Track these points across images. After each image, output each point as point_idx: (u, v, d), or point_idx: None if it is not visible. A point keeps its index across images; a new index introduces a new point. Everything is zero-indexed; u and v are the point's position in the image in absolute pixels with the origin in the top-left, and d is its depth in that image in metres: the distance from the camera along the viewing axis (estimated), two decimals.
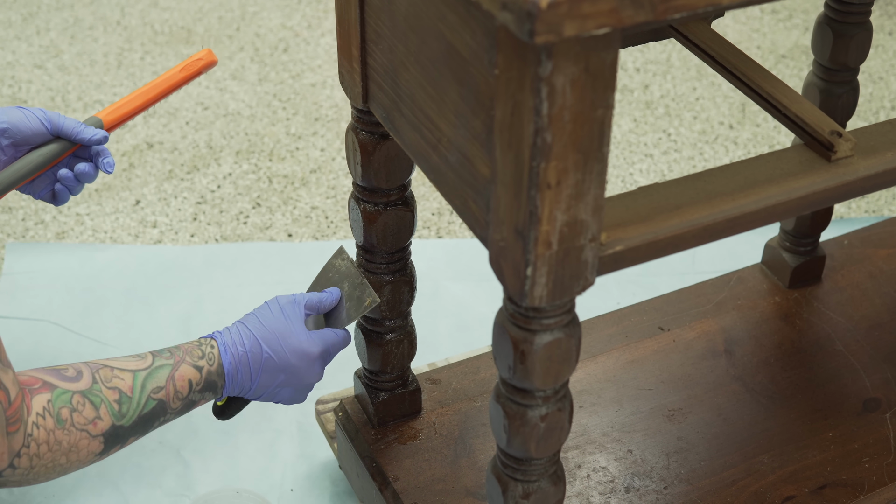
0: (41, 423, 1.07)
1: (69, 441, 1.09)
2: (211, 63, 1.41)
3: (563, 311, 0.98)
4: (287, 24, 2.60)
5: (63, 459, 1.10)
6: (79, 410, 1.09)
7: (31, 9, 2.62)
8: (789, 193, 1.04)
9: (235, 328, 1.22)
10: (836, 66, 1.49)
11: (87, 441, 1.10)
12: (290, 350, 1.22)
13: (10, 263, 1.90)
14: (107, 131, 1.37)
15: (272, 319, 1.22)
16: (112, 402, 1.11)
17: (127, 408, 1.13)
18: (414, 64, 1.04)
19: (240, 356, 1.20)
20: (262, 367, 1.20)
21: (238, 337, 1.21)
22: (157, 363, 1.17)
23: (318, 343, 1.24)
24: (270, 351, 1.20)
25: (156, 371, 1.16)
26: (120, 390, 1.12)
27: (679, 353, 1.55)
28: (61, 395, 1.09)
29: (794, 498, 1.36)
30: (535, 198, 0.88)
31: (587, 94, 0.85)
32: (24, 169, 1.33)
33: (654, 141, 2.27)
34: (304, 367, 1.23)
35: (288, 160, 2.18)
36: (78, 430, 1.09)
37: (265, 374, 1.21)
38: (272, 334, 1.21)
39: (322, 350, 1.24)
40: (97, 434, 1.11)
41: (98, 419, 1.10)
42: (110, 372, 1.13)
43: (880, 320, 1.61)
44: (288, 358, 1.21)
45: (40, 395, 1.08)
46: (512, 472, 1.08)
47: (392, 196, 1.27)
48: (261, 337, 1.21)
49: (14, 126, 1.32)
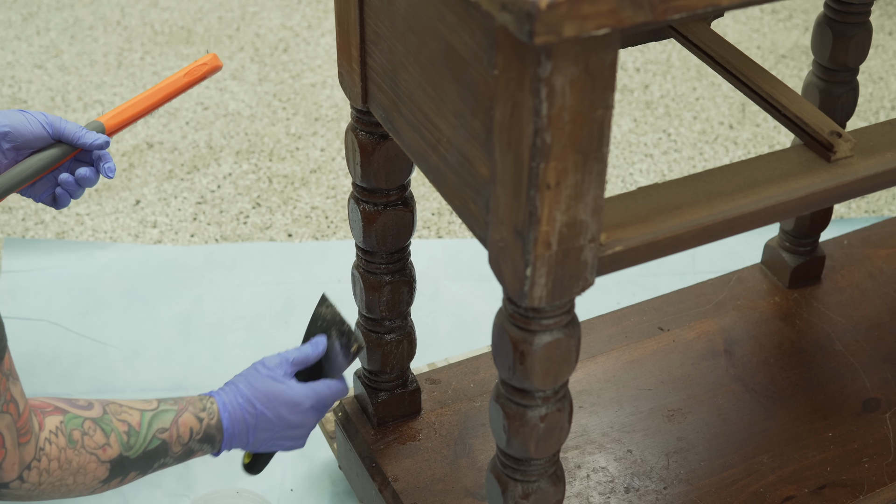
0: (54, 441, 1.10)
1: (79, 462, 1.12)
2: (216, 68, 1.40)
3: (562, 312, 0.98)
4: (287, 24, 2.60)
5: (70, 480, 1.12)
6: (90, 435, 1.12)
7: (31, 9, 2.62)
8: (789, 194, 1.04)
9: (229, 389, 1.26)
10: (835, 66, 1.49)
11: (95, 465, 1.13)
12: (282, 405, 1.25)
13: (9, 263, 1.90)
14: (109, 136, 1.37)
15: (261, 380, 1.25)
16: (122, 433, 1.15)
17: (135, 440, 1.16)
18: (413, 64, 1.04)
19: (236, 415, 1.24)
20: (257, 424, 1.24)
21: (233, 396, 1.24)
22: (163, 407, 1.20)
23: (310, 396, 1.26)
24: (264, 408, 1.24)
25: (161, 413, 1.19)
26: (129, 423, 1.16)
27: (679, 353, 1.55)
28: (73, 419, 1.12)
29: (793, 498, 1.36)
30: (535, 198, 0.88)
31: (587, 94, 0.85)
32: (25, 173, 1.33)
33: (654, 141, 2.27)
34: (298, 420, 1.26)
35: (288, 160, 2.18)
36: (88, 452, 1.12)
37: (261, 430, 1.25)
38: (263, 394, 1.24)
39: (314, 403, 1.26)
40: (105, 460, 1.14)
41: (108, 446, 1.14)
42: (119, 407, 1.17)
43: (880, 320, 1.61)
44: (281, 413, 1.25)
45: (53, 416, 1.11)
46: (511, 473, 1.08)
47: (392, 196, 1.27)
48: (253, 397, 1.24)
49: (15, 129, 1.32)
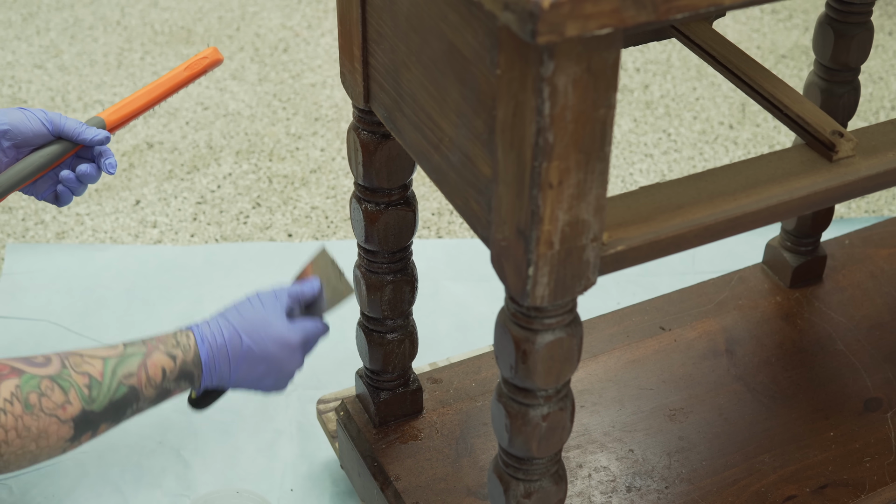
0: (9, 409, 1.06)
1: (38, 427, 1.08)
2: (216, 62, 1.39)
3: (564, 311, 0.98)
4: (287, 24, 2.60)
5: (33, 446, 1.09)
6: (47, 395, 1.09)
7: (31, 9, 2.62)
8: (791, 193, 1.04)
9: (215, 320, 1.22)
10: (837, 65, 1.49)
11: (56, 426, 1.09)
12: (269, 340, 1.21)
13: (10, 264, 1.90)
14: (110, 132, 1.36)
15: (252, 311, 1.22)
16: (82, 387, 1.11)
17: (97, 392, 1.12)
18: (415, 64, 1.04)
19: (218, 347, 1.20)
20: (241, 357, 1.20)
21: (217, 328, 1.21)
22: (129, 351, 1.16)
23: (298, 332, 1.24)
24: (251, 341, 1.20)
25: (127, 358, 1.15)
26: (90, 375, 1.12)
27: (680, 352, 1.55)
28: (30, 381, 1.08)
29: (795, 497, 1.36)
30: (537, 197, 0.88)
31: (589, 93, 0.85)
32: (26, 170, 1.33)
33: (654, 141, 2.27)
34: (285, 356, 1.23)
35: (288, 160, 2.18)
36: (47, 415, 1.09)
37: (245, 364, 1.21)
38: (252, 325, 1.21)
39: (302, 339, 1.24)
40: (67, 419, 1.10)
41: (67, 403, 1.10)
42: (80, 359, 1.13)
43: (881, 320, 1.61)
44: (268, 347, 1.21)
45: (8, 381, 1.07)
46: (513, 472, 1.08)
47: (393, 196, 1.27)
48: (240, 328, 1.21)
49: (15, 127, 1.32)
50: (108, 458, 1.58)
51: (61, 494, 1.53)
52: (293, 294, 1.26)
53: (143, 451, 1.59)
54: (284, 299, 1.25)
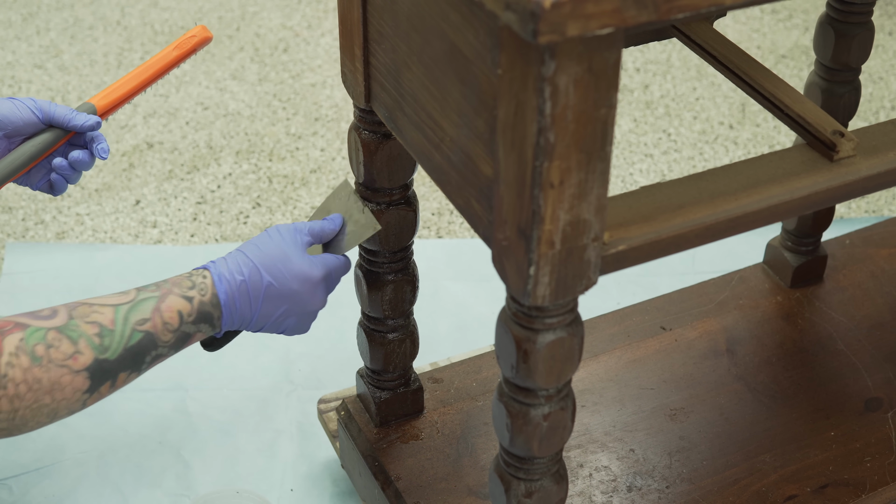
0: (15, 363, 1.03)
1: (49, 378, 1.04)
2: (205, 39, 1.34)
3: (565, 311, 0.98)
4: (287, 24, 2.60)
5: (48, 399, 1.05)
6: (55, 346, 1.04)
7: (31, 9, 2.62)
8: (792, 193, 1.04)
9: (233, 256, 1.16)
10: (837, 65, 1.49)
11: (69, 377, 1.05)
12: (291, 276, 1.15)
13: (10, 264, 1.90)
14: (101, 117, 1.34)
15: (272, 246, 1.16)
16: (92, 336, 1.06)
17: (109, 341, 1.07)
18: (416, 63, 1.04)
19: (238, 285, 1.14)
20: (263, 294, 1.14)
21: (235, 265, 1.15)
22: (142, 296, 1.11)
23: (320, 267, 1.18)
24: (271, 278, 1.14)
25: (139, 304, 1.10)
26: (100, 324, 1.07)
27: (681, 352, 1.55)
28: (35, 333, 1.04)
29: (795, 497, 1.36)
30: (538, 197, 0.88)
31: (590, 93, 0.85)
32: (18, 161, 1.31)
33: (654, 141, 2.27)
34: (308, 292, 1.17)
35: (288, 160, 2.18)
36: (57, 366, 1.04)
37: (267, 302, 1.15)
38: (272, 260, 1.15)
39: (325, 274, 1.18)
40: (79, 369, 1.06)
41: (78, 353, 1.05)
42: (89, 308, 1.09)
43: (882, 320, 1.61)
44: (290, 284, 1.15)
45: (12, 336, 1.03)
46: (514, 471, 1.08)
47: (394, 195, 1.27)
48: (260, 264, 1.15)
49: (5, 117, 1.28)
50: (108, 458, 1.58)
51: (61, 494, 1.53)
52: (314, 231, 1.20)
53: (143, 451, 1.59)
54: (305, 235, 1.18)
